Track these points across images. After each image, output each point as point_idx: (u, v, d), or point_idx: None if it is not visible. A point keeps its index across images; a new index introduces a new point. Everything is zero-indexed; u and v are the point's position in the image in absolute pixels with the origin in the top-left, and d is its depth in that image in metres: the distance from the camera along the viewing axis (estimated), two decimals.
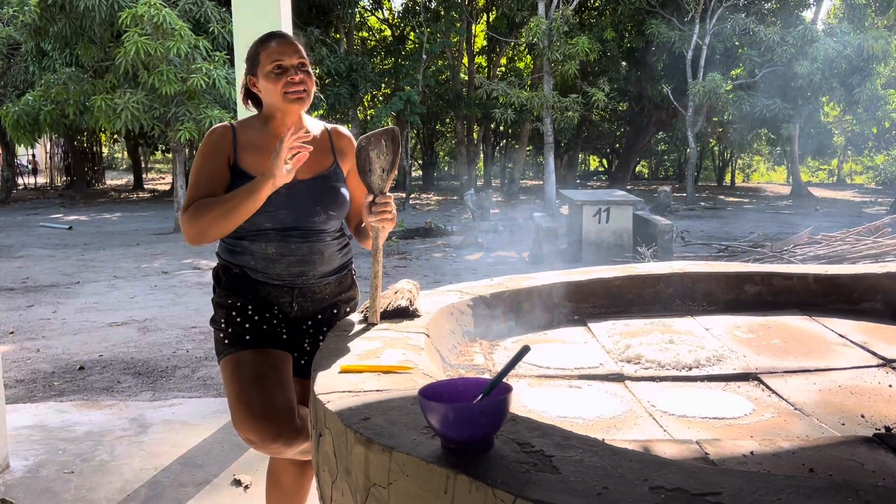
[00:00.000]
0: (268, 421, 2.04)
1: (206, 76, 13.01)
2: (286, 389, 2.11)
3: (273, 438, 2.05)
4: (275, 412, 2.05)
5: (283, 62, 2.11)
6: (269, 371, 2.11)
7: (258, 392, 2.07)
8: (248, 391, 2.07)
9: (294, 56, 2.13)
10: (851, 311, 2.81)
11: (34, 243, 12.70)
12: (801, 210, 18.88)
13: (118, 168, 37.13)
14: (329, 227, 2.22)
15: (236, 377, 2.11)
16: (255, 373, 2.10)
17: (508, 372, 1.35)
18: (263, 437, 2.05)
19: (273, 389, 2.08)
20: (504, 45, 23.93)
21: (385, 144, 2.09)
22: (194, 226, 2.06)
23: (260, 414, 2.04)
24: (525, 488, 1.13)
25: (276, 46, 2.13)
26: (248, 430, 2.05)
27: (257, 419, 2.04)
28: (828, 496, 1.10)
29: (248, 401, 2.06)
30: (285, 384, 2.12)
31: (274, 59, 2.11)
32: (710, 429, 1.80)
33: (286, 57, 2.11)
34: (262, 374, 2.10)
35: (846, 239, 8.50)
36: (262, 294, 2.21)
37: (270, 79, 2.11)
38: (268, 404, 2.05)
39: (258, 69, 2.15)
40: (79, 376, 5.14)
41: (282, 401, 2.07)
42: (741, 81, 20.44)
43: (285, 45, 2.13)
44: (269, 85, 2.12)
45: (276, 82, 2.11)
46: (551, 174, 18.30)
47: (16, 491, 3.15)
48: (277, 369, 2.14)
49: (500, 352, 2.36)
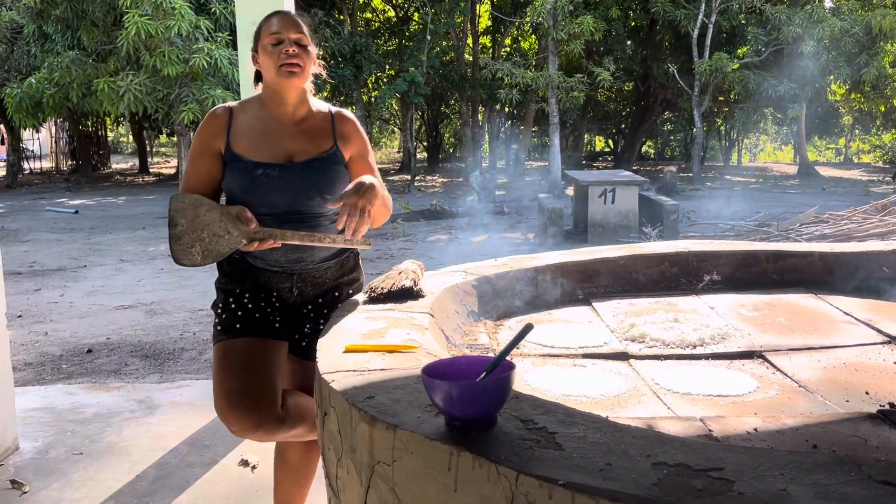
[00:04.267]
0: (249, 410, 2.05)
1: (209, 57, 12.94)
2: (270, 379, 2.11)
3: (253, 428, 2.06)
4: (255, 402, 2.05)
5: (280, 35, 2.11)
6: (254, 361, 2.12)
7: (240, 381, 2.07)
8: (230, 380, 2.08)
9: (293, 31, 2.12)
10: (857, 289, 2.80)
11: (41, 227, 12.74)
12: (808, 189, 18.78)
13: (123, 152, 37.10)
14: (325, 210, 2.19)
15: (222, 365, 2.12)
16: (239, 362, 2.11)
17: (511, 350, 1.36)
18: (244, 426, 2.06)
19: (255, 379, 2.09)
20: (509, 24, 23.75)
21: (188, 216, 2.00)
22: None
23: (240, 403, 2.05)
24: (528, 464, 1.14)
25: (276, 20, 2.13)
26: (228, 419, 2.07)
27: (237, 408, 2.05)
28: (831, 471, 1.10)
29: (229, 390, 2.07)
30: (270, 374, 2.12)
31: (272, 31, 2.11)
32: (715, 406, 1.81)
33: (284, 30, 2.11)
34: (247, 364, 2.10)
35: (853, 218, 8.46)
36: (261, 280, 2.21)
37: (267, 52, 2.11)
38: (249, 394, 2.06)
39: (259, 43, 2.16)
40: (86, 359, 5.17)
41: (263, 391, 2.08)
42: (747, 60, 20.26)
43: (286, 20, 2.13)
44: (266, 58, 2.12)
45: (272, 55, 2.10)
46: (557, 155, 18.21)
47: (25, 472, 3.19)
48: (264, 360, 2.13)
49: (504, 331, 2.37)
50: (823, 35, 18.09)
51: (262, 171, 2.12)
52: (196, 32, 13.20)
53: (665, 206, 9.92)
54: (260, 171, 2.12)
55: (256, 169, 2.12)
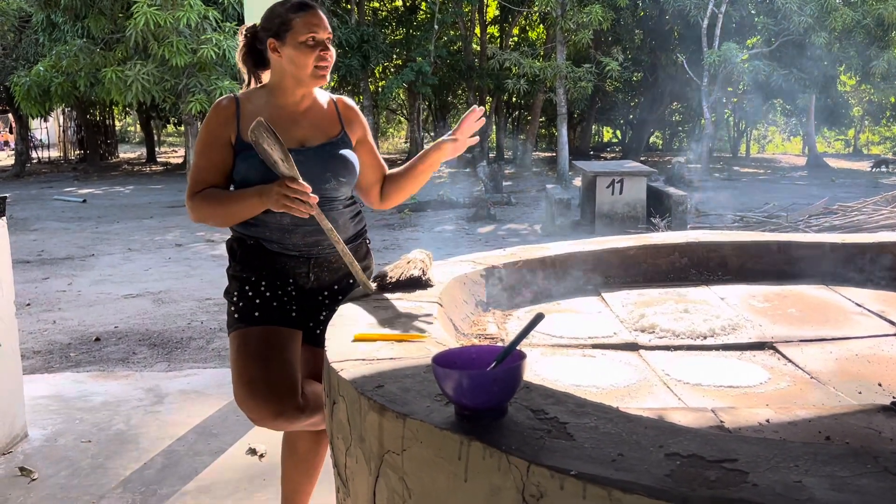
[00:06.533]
0: (269, 400, 2.04)
1: (217, 47, 12.93)
2: (290, 368, 2.11)
3: (274, 417, 2.06)
4: (277, 391, 2.05)
5: (317, 35, 2.07)
6: (273, 349, 2.11)
7: (261, 370, 2.07)
8: (250, 369, 2.07)
9: (326, 31, 2.10)
10: (869, 281, 2.78)
11: (49, 216, 12.77)
12: (817, 181, 18.67)
13: (131, 141, 37.15)
14: (340, 194, 2.20)
15: (241, 354, 2.11)
16: (259, 350, 2.10)
17: (522, 339, 1.35)
18: (264, 415, 2.06)
19: (276, 368, 2.08)
20: (517, 14, 23.62)
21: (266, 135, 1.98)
22: (198, 213, 2.14)
23: (262, 392, 2.05)
24: (539, 455, 1.13)
25: (311, 17, 2.08)
26: (249, 408, 2.07)
27: (258, 398, 2.05)
28: (846, 463, 1.09)
29: (251, 379, 2.06)
30: (290, 363, 2.12)
31: (311, 29, 2.07)
32: (726, 397, 1.79)
33: (320, 30, 2.08)
34: (267, 353, 2.10)
35: (863, 209, 8.41)
36: (277, 266, 2.20)
37: (302, 49, 2.07)
38: (270, 383, 2.05)
39: (287, 35, 2.08)
40: (95, 347, 5.19)
41: (284, 380, 2.07)
42: (757, 51, 20.13)
43: (320, 19, 2.10)
44: (299, 56, 2.08)
45: (309, 55, 2.07)
46: (564, 145, 18.15)
47: (34, 459, 3.20)
48: (283, 348, 2.13)
49: (513, 321, 2.36)
50: (835, 26, 17.95)
51: None
52: (204, 23, 13.18)
53: (673, 197, 9.89)
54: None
55: None
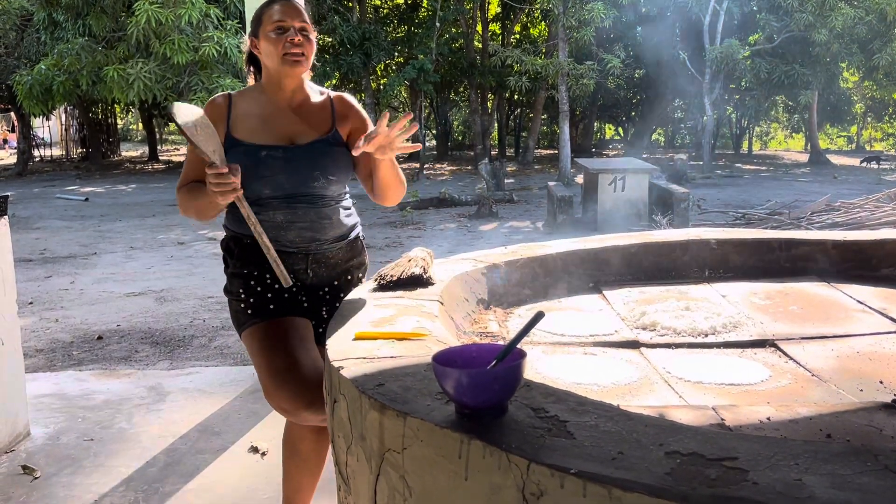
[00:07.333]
0: (302, 389, 2.03)
1: (218, 45, 12.94)
2: (314, 357, 2.11)
3: (307, 406, 2.04)
4: (307, 380, 2.04)
5: (284, 23, 2.09)
6: (296, 339, 2.11)
7: (289, 360, 2.06)
8: (278, 360, 2.06)
9: (296, 19, 2.11)
10: (870, 278, 2.78)
11: (51, 215, 12.79)
12: (820, 177, 18.65)
13: (133, 140, 37.20)
14: (330, 191, 2.20)
15: (265, 347, 2.10)
16: (283, 342, 2.10)
17: (522, 338, 1.35)
18: (297, 405, 2.04)
19: (302, 357, 2.08)
20: (518, 11, 23.61)
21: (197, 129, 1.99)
22: (181, 207, 2.23)
23: (292, 382, 2.03)
24: (539, 453, 1.13)
25: (279, 7, 2.12)
26: (282, 400, 2.05)
27: (290, 387, 2.03)
28: (846, 461, 1.09)
29: (278, 370, 2.05)
30: (312, 351, 2.12)
31: (276, 19, 2.10)
32: (727, 395, 1.79)
33: (288, 18, 2.10)
34: (290, 343, 2.10)
35: (865, 206, 8.39)
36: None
37: (270, 39, 2.10)
38: (299, 373, 2.04)
39: (260, 29, 2.14)
40: (97, 346, 5.19)
41: (312, 368, 2.06)
42: (759, 47, 20.10)
43: (289, 7, 2.12)
44: (269, 46, 2.11)
45: (276, 43, 2.09)
46: (566, 143, 18.13)
47: (37, 458, 3.20)
48: (303, 337, 2.14)
49: (514, 319, 2.35)
50: (836, 23, 17.91)
51: (266, 152, 2.12)
52: (206, 20, 13.18)
53: (675, 194, 9.87)
54: (264, 152, 2.12)
55: (260, 151, 2.12)
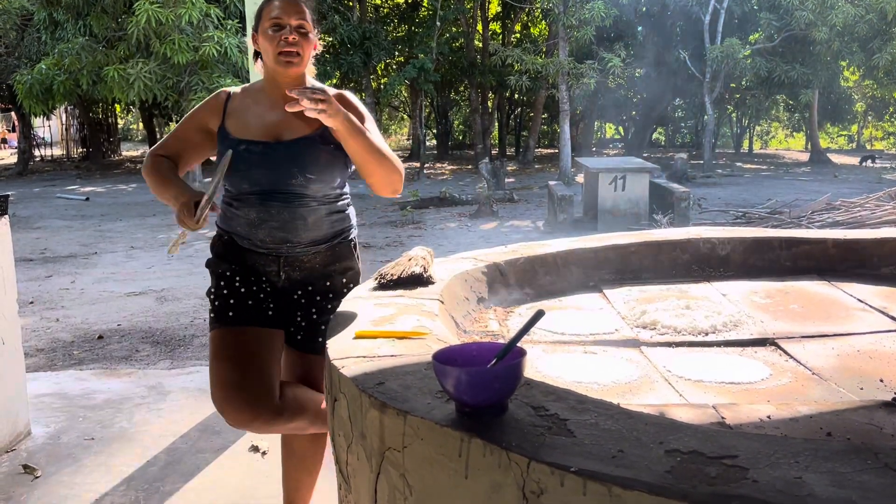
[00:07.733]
0: (243, 404, 2.03)
1: (218, 45, 12.95)
2: (266, 371, 2.08)
3: (249, 420, 2.05)
4: (251, 394, 2.03)
5: (280, 20, 2.07)
6: (248, 352, 2.09)
7: (234, 374, 2.05)
8: (225, 371, 2.06)
9: (294, 16, 2.08)
10: (871, 276, 2.78)
11: (52, 214, 12.79)
12: (820, 176, 18.64)
13: (133, 139, 37.20)
14: (311, 191, 2.15)
15: (216, 356, 2.10)
16: (233, 353, 2.08)
17: (523, 336, 1.35)
18: (238, 418, 2.05)
19: (251, 371, 2.06)
20: (519, 10, 23.60)
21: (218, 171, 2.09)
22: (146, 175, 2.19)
23: (235, 397, 2.03)
24: (539, 451, 1.13)
25: (278, 4, 2.10)
26: (223, 412, 2.05)
27: (233, 402, 2.03)
28: (847, 459, 1.09)
29: (225, 382, 2.05)
30: (266, 365, 2.09)
31: (273, 16, 2.08)
32: (727, 393, 1.79)
33: (285, 16, 2.07)
34: (241, 355, 2.08)
35: (865, 205, 8.39)
36: (249, 262, 2.19)
37: (267, 36, 2.09)
38: (243, 387, 2.03)
39: (259, 25, 2.13)
40: (98, 345, 5.19)
41: (259, 383, 2.05)
42: (759, 46, 20.08)
43: (287, 4, 2.09)
44: (266, 43, 2.10)
45: (271, 41, 2.08)
46: (567, 142, 18.13)
47: (38, 457, 3.21)
48: (258, 349, 2.11)
49: (514, 318, 2.35)
50: (836, 21, 17.90)
51: (244, 147, 2.12)
52: (206, 20, 13.19)
53: (676, 193, 9.87)
54: (242, 147, 2.12)
55: (239, 145, 2.12)
